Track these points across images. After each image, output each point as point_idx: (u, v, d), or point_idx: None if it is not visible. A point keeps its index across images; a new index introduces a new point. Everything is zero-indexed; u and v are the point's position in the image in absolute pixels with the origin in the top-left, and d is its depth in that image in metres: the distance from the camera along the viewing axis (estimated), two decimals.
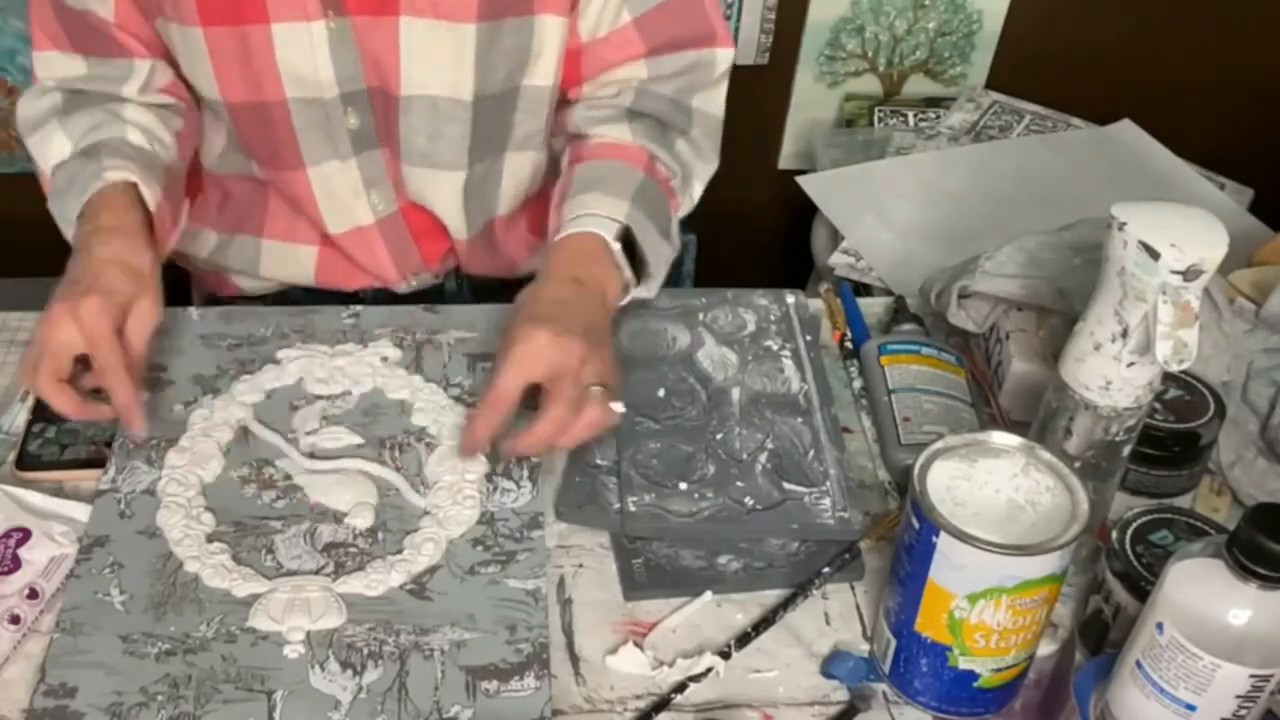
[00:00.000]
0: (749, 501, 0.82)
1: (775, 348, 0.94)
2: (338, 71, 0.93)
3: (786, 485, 0.83)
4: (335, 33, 0.91)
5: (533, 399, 0.81)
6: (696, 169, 1.01)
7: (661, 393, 0.90)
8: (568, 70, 0.99)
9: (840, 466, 0.84)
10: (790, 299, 0.98)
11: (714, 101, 1.02)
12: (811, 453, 0.85)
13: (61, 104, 0.95)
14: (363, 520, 0.80)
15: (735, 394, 0.90)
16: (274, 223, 1.06)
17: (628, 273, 0.89)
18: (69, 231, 0.90)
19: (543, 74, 0.97)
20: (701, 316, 0.96)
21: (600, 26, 0.97)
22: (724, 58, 1.01)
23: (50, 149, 0.94)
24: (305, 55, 0.92)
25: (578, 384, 0.79)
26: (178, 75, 0.98)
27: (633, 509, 0.81)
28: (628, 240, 0.89)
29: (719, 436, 0.86)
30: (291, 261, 1.08)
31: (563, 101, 1.02)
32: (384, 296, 1.09)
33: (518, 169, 1.04)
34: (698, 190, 1.02)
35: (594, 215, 0.89)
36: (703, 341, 0.94)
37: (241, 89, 0.94)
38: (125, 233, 0.86)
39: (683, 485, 0.83)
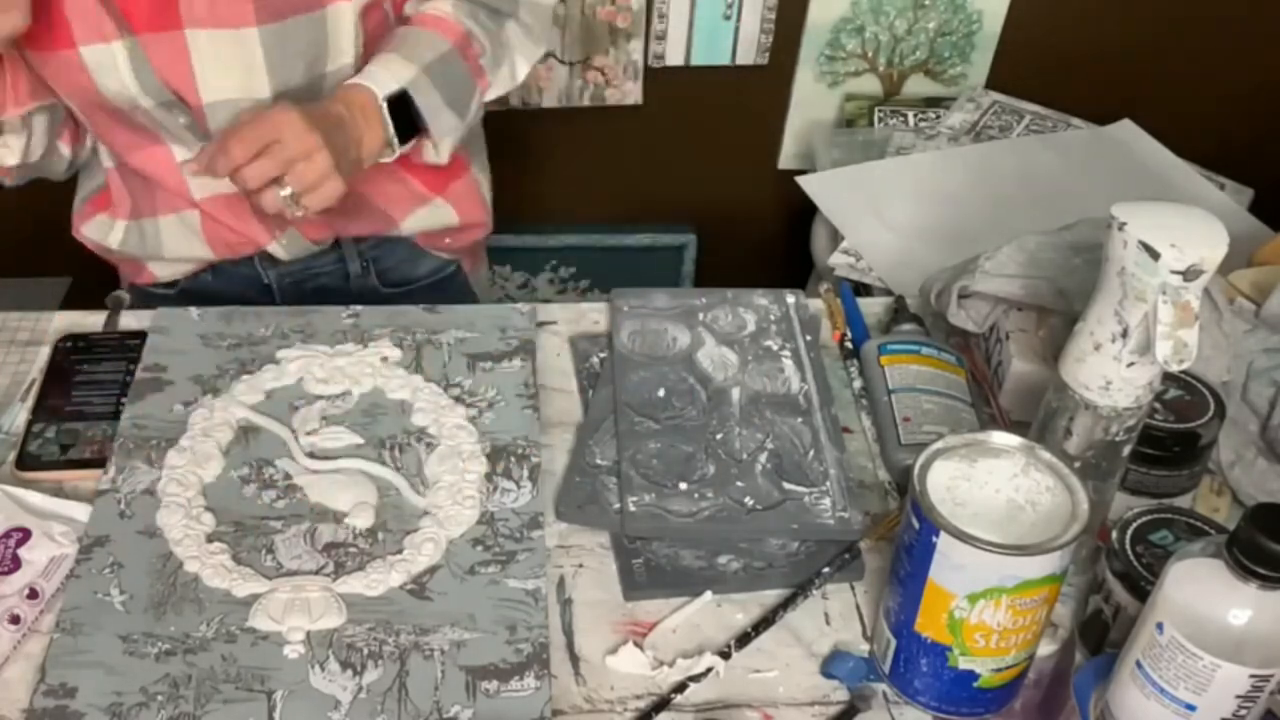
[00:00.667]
0: (749, 501, 0.82)
1: (775, 348, 0.94)
2: (143, 86, 0.95)
3: (786, 485, 0.83)
4: (131, 50, 0.94)
5: None
6: (523, 49, 1.08)
7: (661, 393, 0.90)
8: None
9: (840, 466, 0.84)
10: (790, 299, 0.98)
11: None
12: (811, 453, 0.85)
13: None
14: (363, 520, 0.80)
15: (735, 394, 0.90)
16: (164, 200, 1.08)
17: (390, 130, 0.96)
18: None
19: (344, 56, 1.00)
20: (701, 316, 0.96)
21: None
22: None
23: None
24: (113, 75, 0.94)
25: (289, 161, 0.88)
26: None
27: (633, 509, 0.81)
28: (406, 102, 0.97)
29: (719, 436, 0.86)
30: (186, 232, 1.09)
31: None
32: (289, 278, 1.11)
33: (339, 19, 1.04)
34: (522, 69, 1.08)
35: (377, 73, 0.97)
36: (703, 341, 0.94)
37: (81, 100, 0.98)
38: None
39: (683, 485, 0.83)
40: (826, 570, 0.79)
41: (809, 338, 0.95)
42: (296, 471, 0.83)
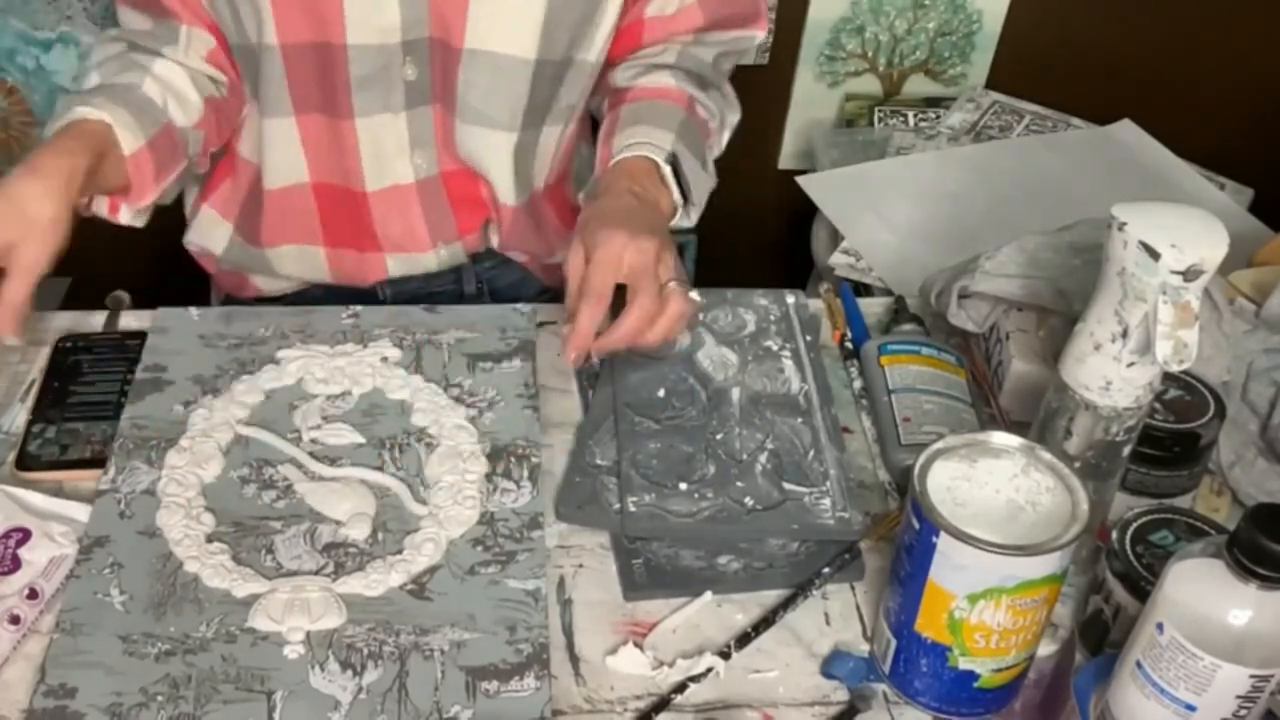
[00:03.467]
0: (749, 502, 0.82)
1: (775, 348, 0.94)
2: (404, 15, 0.93)
3: (786, 485, 0.83)
4: None
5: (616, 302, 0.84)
6: (728, 118, 1.08)
7: (661, 393, 0.90)
8: (626, 41, 1.03)
9: (840, 466, 0.84)
10: (790, 299, 0.98)
11: (732, 67, 1.11)
12: (811, 453, 0.85)
13: (115, 52, 0.97)
14: (359, 531, 0.80)
15: (735, 394, 0.90)
16: (280, 227, 1.06)
17: (676, 194, 0.94)
18: None
19: (596, 49, 1.00)
20: (701, 316, 0.96)
21: (668, 4, 1.01)
22: (759, 38, 1.10)
23: (83, 85, 0.96)
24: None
25: (657, 279, 0.84)
26: (224, 49, 0.99)
27: (633, 509, 0.81)
28: (673, 168, 0.95)
29: (719, 436, 0.86)
30: (305, 260, 1.08)
31: (605, 68, 1.05)
32: (403, 295, 1.09)
33: (551, 140, 1.06)
34: (725, 138, 1.09)
35: (644, 143, 0.94)
36: (703, 342, 0.94)
37: (302, 29, 0.94)
38: (46, 174, 0.84)
39: (683, 485, 0.83)
40: (826, 570, 0.79)
41: (809, 338, 0.95)
42: (296, 478, 0.83)
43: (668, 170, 0.94)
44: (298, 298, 1.11)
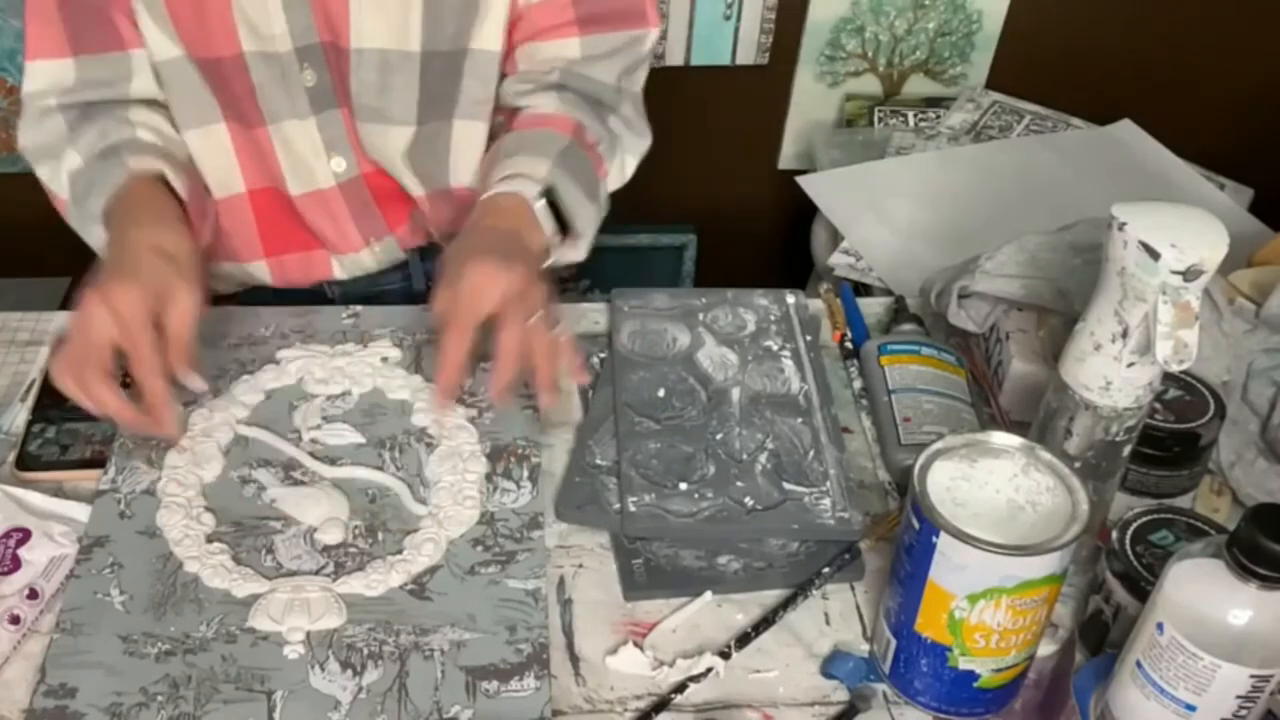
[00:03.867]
0: (749, 502, 0.82)
1: (775, 348, 0.94)
2: (291, 24, 0.93)
3: (786, 485, 0.83)
4: None
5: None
6: (627, 142, 1.04)
7: (661, 393, 0.90)
8: (516, 33, 1.01)
9: (840, 466, 0.84)
10: (790, 299, 0.98)
11: (639, 80, 1.05)
12: (811, 453, 0.85)
13: (66, 126, 0.95)
14: (332, 536, 0.79)
15: (735, 394, 0.90)
16: (229, 246, 1.06)
17: (549, 229, 0.92)
18: (95, 234, 0.90)
19: (489, 38, 0.98)
20: (701, 316, 0.96)
21: None
22: (652, 37, 1.04)
23: (62, 169, 0.94)
24: (259, 6, 0.92)
25: (526, 311, 0.82)
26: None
27: (633, 509, 0.81)
28: (551, 201, 0.92)
29: (719, 437, 0.86)
30: (247, 274, 1.08)
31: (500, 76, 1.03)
32: (353, 295, 1.08)
33: (466, 137, 1.04)
34: (630, 164, 1.05)
35: (517, 176, 0.92)
36: (703, 342, 0.94)
37: (200, 44, 0.94)
38: (161, 219, 0.85)
39: (683, 485, 0.83)
40: (826, 570, 0.79)
41: (809, 338, 0.95)
42: (270, 483, 0.83)
43: (539, 205, 0.91)
44: (248, 296, 1.10)
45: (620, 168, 1.03)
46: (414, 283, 1.12)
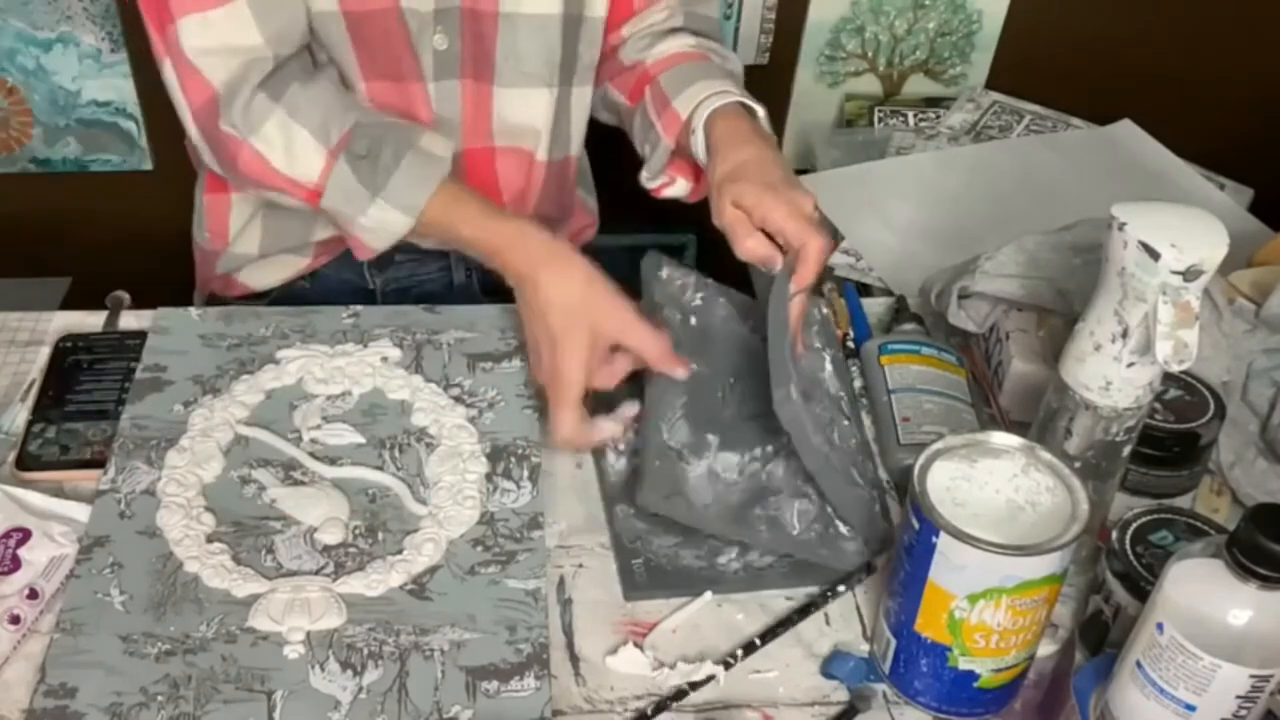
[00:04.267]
0: (794, 522, 0.81)
1: (819, 346, 0.94)
2: None
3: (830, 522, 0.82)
4: None
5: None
6: (739, 69, 1.07)
7: (732, 379, 0.89)
8: (619, 6, 1.03)
9: (878, 487, 0.85)
10: (825, 310, 0.98)
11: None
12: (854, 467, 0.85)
13: (268, 96, 0.91)
14: (332, 536, 0.79)
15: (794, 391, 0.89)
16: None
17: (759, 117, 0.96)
18: (401, 223, 0.90)
19: (599, 4, 1.01)
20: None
21: None
22: None
23: (298, 150, 0.91)
24: None
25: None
26: None
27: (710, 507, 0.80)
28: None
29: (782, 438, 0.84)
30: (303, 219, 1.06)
31: (609, 49, 1.06)
32: (392, 284, 1.09)
33: (581, 103, 1.07)
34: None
35: (718, 94, 0.94)
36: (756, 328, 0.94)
37: None
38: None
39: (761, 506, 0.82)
40: (841, 589, 0.79)
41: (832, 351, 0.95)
42: (270, 483, 0.83)
43: (761, 111, 0.95)
44: (284, 294, 1.10)
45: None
46: (454, 273, 1.13)
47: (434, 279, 1.12)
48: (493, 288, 1.12)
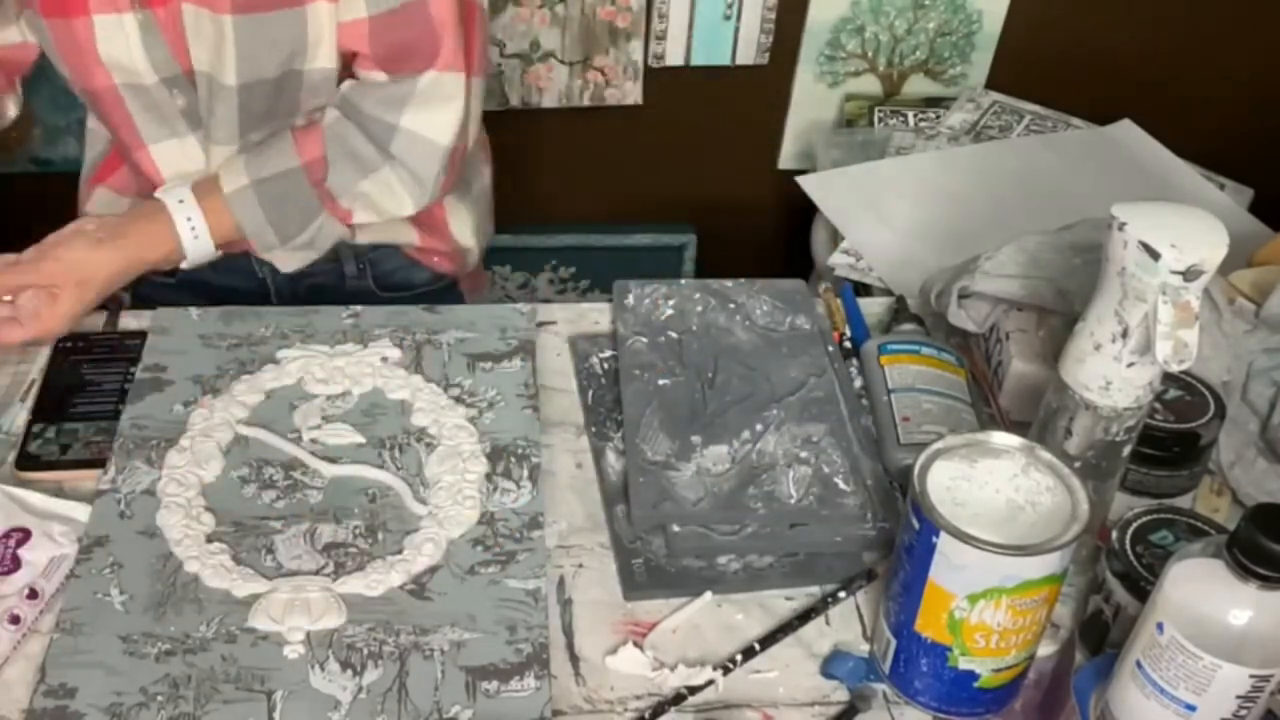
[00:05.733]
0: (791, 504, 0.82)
1: (811, 345, 0.94)
2: (150, 58, 0.98)
3: (833, 490, 0.83)
4: (143, 22, 0.96)
5: None
6: (394, 196, 1.05)
7: (699, 387, 0.90)
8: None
9: (876, 477, 0.85)
10: (820, 309, 0.98)
11: (429, 123, 1.02)
12: (849, 463, 0.85)
13: None
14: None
15: (774, 389, 0.90)
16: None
17: (180, 240, 1.00)
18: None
19: (324, 58, 1.01)
20: (731, 304, 0.97)
21: (347, 10, 0.98)
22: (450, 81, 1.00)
23: None
24: (122, 45, 0.97)
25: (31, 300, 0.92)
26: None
27: (703, 503, 0.81)
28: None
29: (759, 428, 0.87)
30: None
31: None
32: (283, 282, 1.12)
33: None
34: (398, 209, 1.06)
35: (220, 172, 1.01)
36: (735, 332, 0.95)
37: (81, 77, 1.00)
38: None
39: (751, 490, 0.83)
40: (843, 595, 0.79)
41: (831, 348, 0.95)
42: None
43: (174, 218, 1.00)
44: (190, 274, 1.10)
45: (377, 212, 1.06)
46: (344, 265, 1.15)
47: (325, 271, 1.13)
48: (388, 284, 1.17)
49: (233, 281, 1.12)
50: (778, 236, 1.89)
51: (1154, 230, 0.67)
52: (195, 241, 1.01)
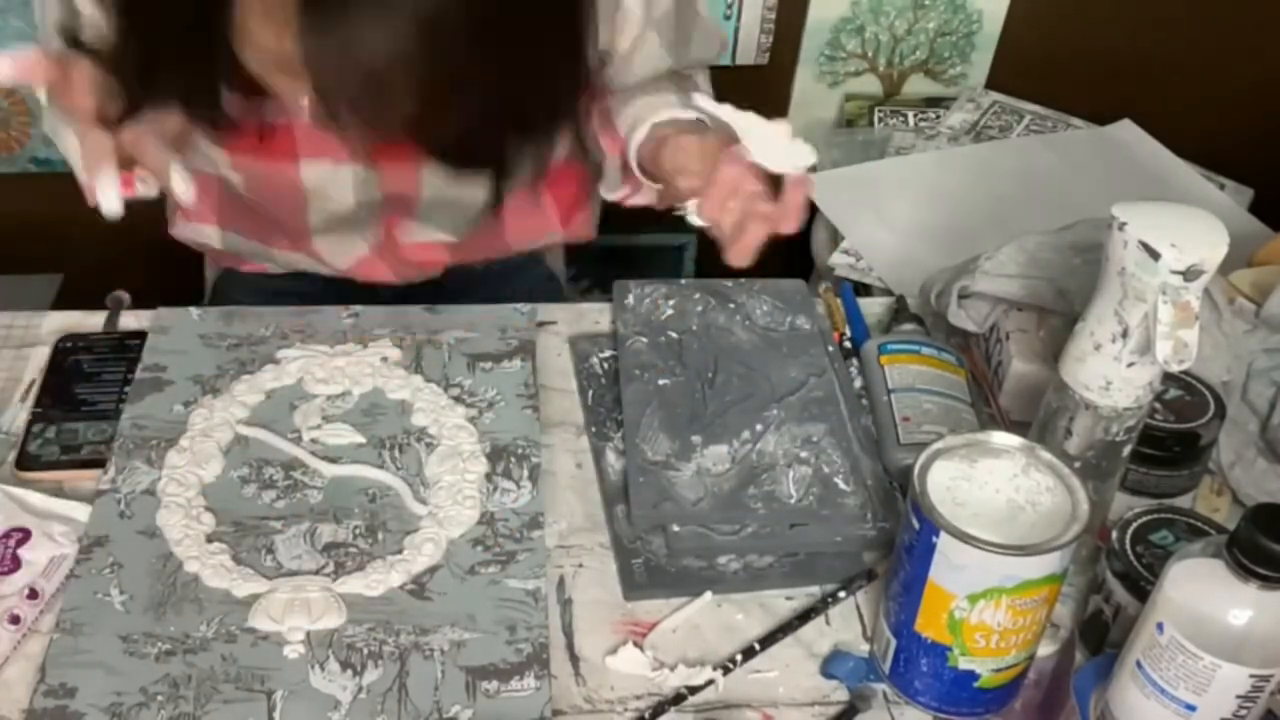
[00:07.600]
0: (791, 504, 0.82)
1: (812, 345, 0.94)
2: (358, 197, 0.99)
3: (834, 490, 0.83)
4: (361, 174, 0.97)
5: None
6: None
7: (699, 387, 0.90)
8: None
9: (876, 477, 0.85)
10: (820, 309, 0.98)
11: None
12: (850, 464, 0.85)
13: None
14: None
15: (774, 388, 0.90)
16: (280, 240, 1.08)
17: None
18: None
19: None
20: (731, 304, 0.97)
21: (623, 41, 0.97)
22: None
23: None
24: (331, 185, 0.98)
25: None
26: None
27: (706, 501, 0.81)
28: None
29: (759, 428, 0.86)
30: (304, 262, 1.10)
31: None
32: (394, 293, 1.10)
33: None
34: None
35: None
36: (735, 331, 0.95)
37: (260, 181, 0.99)
38: None
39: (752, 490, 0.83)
40: (843, 595, 0.79)
41: (831, 348, 0.95)
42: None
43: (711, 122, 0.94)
44: (299, 279, 1.12)
45: None
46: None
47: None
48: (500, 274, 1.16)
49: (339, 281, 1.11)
50: (777, 236, 1.89)
51: (1154, 230, 0.67)
52: None
